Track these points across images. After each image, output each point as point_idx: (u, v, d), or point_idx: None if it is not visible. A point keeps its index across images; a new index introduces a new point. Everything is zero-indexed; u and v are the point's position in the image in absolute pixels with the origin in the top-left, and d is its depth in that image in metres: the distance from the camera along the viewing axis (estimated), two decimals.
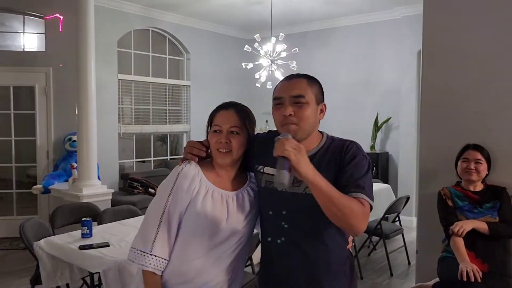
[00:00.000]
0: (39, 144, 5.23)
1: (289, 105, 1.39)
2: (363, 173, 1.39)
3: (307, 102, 1.40)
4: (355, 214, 1.30)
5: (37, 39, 5.45)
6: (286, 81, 1.46)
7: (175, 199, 1.45)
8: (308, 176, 1.25)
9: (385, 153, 6.07)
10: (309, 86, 1.43)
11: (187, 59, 6.74)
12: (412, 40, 5.53)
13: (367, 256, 4.59)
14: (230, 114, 1.51)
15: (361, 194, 1.35)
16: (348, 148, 1.44)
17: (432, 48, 3.00)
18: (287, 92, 1.41)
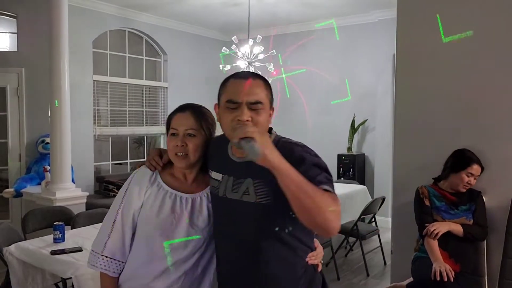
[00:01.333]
0: (10, 147, 5.09)
1: (247, 110, 1.29)
2: (320, 171, 1.27)
3: (264, 108, 1.32)
4: (329, 204, 1.15)
5: (9, 39, 5.30)
6: (242, 81, 1.32)
7: (128, 202, 1.46)
8: (274, 160, 1.14)
9: (362, 155, 6.15)
10: (266, 90, 1.35)
11: (164, 60, 6.68)
12: (388, 44, 5.61)
13: (344, 257, 4.64)
14: (186, 116, 1.46)
15: (327, 186, 1.22)
16: (297, 151, 1.32)
17: (405, 52, 3.05)
18: (246, 96, 1.29)
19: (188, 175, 1.51)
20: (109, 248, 1.44)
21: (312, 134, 6.52)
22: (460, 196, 2.64)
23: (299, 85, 6.69)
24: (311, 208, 1.14)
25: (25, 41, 5.08)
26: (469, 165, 2.57)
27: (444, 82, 2.91)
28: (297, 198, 1.14)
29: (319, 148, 5.99)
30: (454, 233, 2.53)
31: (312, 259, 1.41)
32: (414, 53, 3.01)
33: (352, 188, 4.89)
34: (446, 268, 2.35)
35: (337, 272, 4.04)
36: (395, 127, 3.19)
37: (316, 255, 1.43)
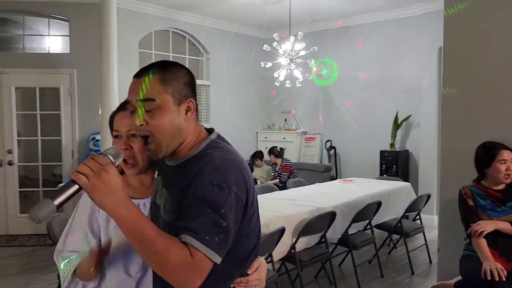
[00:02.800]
0: (64, 144, 5.38)
1: (141, 111, 1.08)
2: (205, 212, 1.00)
3: (159, 106, 1.08)
4: (172, 266, 0.95)
5: (62, 41, 5.60)
6: (135, 78, 1.13)
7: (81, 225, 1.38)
8: (105, 207, 0.95)
9: (405, 151, 6.02)
10: (162, 83, 1.09)
11: (207, 59, 6.82)
12: (433, 37, 5.47)
13: (387, 254, 4.58)
14: (127, 114, 1.22)
15: (191, 238, 0.97)
16: (201, 168, 1.05)
17: (453, 44, 2.98)
18: (135, 94, 1.09)
19: (145, 179, 1.36)
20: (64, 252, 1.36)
21: (354, 131, 6.47)
22: (505, 193, 2.56)
23: (341, 81, 6.63)
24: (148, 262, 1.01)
25: (77, 43, 5.35)
26: (497, 153, 2.53)
27: (494, 75, 2.81)
28: (136, 249, 0.99)
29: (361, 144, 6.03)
30: (503, 232, 2.45)
31: (241, 286, 1.18)
32: (462, 45, 2.93)
33: (396, 184, 4.80)
34: (498, 267, 2.28)
35: (381, 270, 4.00)
36: (442, 123, 3.12)
37: (246, 282, 1.19)
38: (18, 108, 5.30)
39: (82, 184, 0.94)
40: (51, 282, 3.81)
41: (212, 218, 1.00)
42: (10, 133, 5.24)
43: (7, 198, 5.29)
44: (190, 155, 1.13)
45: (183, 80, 1.14)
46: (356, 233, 3.90)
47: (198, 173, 1.04)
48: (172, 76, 1.12)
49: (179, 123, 1.11)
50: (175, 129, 1.10)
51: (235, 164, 1.09)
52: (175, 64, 1.17)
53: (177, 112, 1.11)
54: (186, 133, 1.13)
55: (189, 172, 1.08)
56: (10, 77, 5.20)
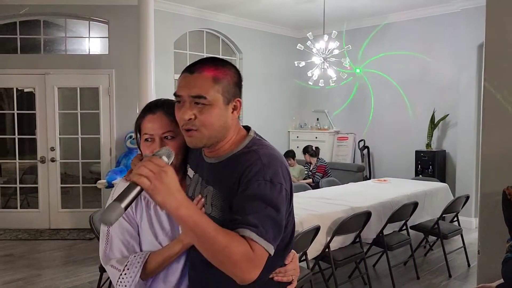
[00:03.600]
0: (102, 142, 5.56)
1: (189, 106, 1.12)
2: (260, 207, 1.05)
3: (210, 103, 1.12)
4: (234, 260, 1.00)
5: (101, 42, 5.79)
6: (186, 74, 1.15)
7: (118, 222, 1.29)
8: (168, 208, 0.98)
9: (442, 151, 5.88)
10: (214, 82, 1.12)
11: (240, 59, 6.88)
12: (472, 34, 5.32)
13: (423, 256, 4.49)
14: (158, 118, 1.28)
15: (250, 232, 1.01)
16: (249, 167, 1.09)
17: (496, 41, 2.89)
18: (187, 91, 1.12)
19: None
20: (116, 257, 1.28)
21: (389, 130, 6.37)
22: None
23: (375, 79, 6.55)
24: (210, 257, 1.02)
25: (115, 44, 5.52)
26: None
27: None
28: (198, 247, 1.03)
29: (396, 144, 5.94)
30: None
31: (280, 275, 1.24)
32: (506, 42, 2.84)
33: (433, 185, 4.70)
34: None
35: (417, 271, 3.93)
36: (483, 122, 3.03)
37: (284, 272, 1.25)
38: (59, 107, 5.52)
39: (144, 187, 0.96)
40: (92, 274, 3.96)
41: (268, 213, 1.04)
42: (53, 131, 5.47)
43: (50, 193, 5.53)
44: (233, 152, 1.17)
45: (232, 80, 1.17)
46: (391, 234, 3.85)
47: (247, 169, 1.08)
48: (223, 75, 1.15)
49: (225, 120, 1.15)
50: (221, 126, 1.15)
51: (280, 160, 1.14)
52: (226, 63, 1.19)
53: (225, 110, 1.15)
54: (228, 130, 1.17)
55: (237, 169, 1.11)
56: (53, 78, 5.43)
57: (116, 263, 1.26)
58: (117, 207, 0.94)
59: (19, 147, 5.59)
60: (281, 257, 1.24)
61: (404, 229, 4.05)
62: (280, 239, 1.10)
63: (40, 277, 3.99)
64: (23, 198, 5.81)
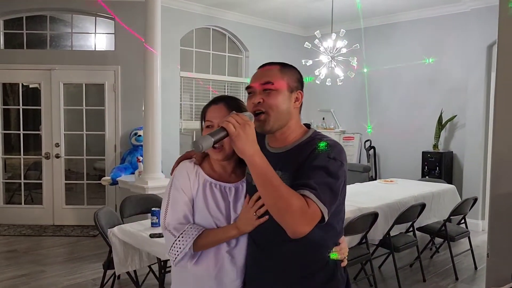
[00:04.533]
0: (107, 138, 5.55)
1: (258, 94, 1.33)
2: (323, 175, 1.21)
3: (276, 88, 1.32)
4: (292, 210, 1.14)
5: (106, 39, 5.77)
6: (259, 69, 1.41)
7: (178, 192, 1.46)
8: (245, 153, 1.17)
9: (449, 153, 5.82)
10: (280, 72, 1.35)
11: (246, 57, 6.84)
12: (482, 35, 5.26)
13: (430, 259, 4.44)
14: (220, 108, 1.45)
15: (309, 192, 1.17)
16: (315, 146, 1.30)
17: (509, 40, 2.83)
18: (257, 80, 1.36)
19: (227, 166, 1.49)
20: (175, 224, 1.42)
21: (395, 130, 6.31)
22: None
23: (382, 79, 6.49)
24: (270, 203, 1.19)
25: (121, 41, 5.50)
26: None
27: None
28: (262, 194, 1.21)
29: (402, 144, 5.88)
30: None
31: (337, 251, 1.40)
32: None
33: (440, 187, 4.64)
34: None
35: (423, 274, 3.88)
36: (494, 122, 2.97)
37: (339, 249, 1.40)
38: (65, 103, 5.51)
39: (230, 131, 1.17)
40: (95, 271, 3.95)
41: (327, 181, 1.21)
42: (58, 127, 5.46)
43: (54, 189, 5.52)
44: (299, 141, 1.36)
45: (295, 75, 1.39)
46: (398, 235, 3.80)
47: (313, 150, 1.28)
48: (288, 69, 1.39)
49: (288, 106, 1.35)
50: (285, 110, 1.33)
51: (341, 147, 1.33)
52: (290, 65, 1.43)
53: (288, 97, 1.35)
54: (291, 118, 1.36)
55: (304, 153, 1.29)
56: (59, 74, 5.42)
57: (173, 229, 1.41)
58: (209, 139, 1.17)
59: (23, 142, 5.59)
60: (337, 237, 1.41)
61: (410, 230, 4.00)
62: (333, 208, 1.24)
63: (43, 273, 3.98)
64: (27, 194, 5.81)
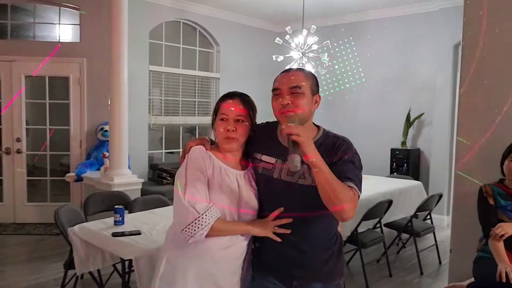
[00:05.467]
0: (72, 133, 5.36)
1: (287, 95, 1.53)
2: (353, 168, 1.52)
3: (303, 92, 1.53)
4: (348, 199, 1.42)
5: (72, 30, 5.57)
6: (285, 74, 1.59)
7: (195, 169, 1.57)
8: (316, 157, 1.39)
9: (417, 150, 5.92)
10: (305, 78, 1.56)
11: (217, 51, 6.75)
12: (449, 34, 5.37)
13: (396, 254, 4.51)
14: (235, 103, 1.62)
15: (352, 183, 1.47)
16: (340, 145, 1.56)
17: (472, 41, 2.88)
18: (285, 84, 1.55)
19: (236, 156, 1.66)
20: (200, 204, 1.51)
21: (365, 128, 6.38)
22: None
23: (352, 77, 6.54)
24: (332, 198, 1.42)
25: (87, 32, 5.32)
26: (510, 151, 2.45)
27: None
28: (323, 188, 1.42)
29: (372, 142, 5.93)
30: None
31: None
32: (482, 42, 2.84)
33: (407, 183, 4.72)
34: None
35: (389, 269, 3.94)
36: (458, 122, 3.03)
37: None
38: (27, 97, 5.28)
39: (301, 141, 1.37)
40: (57, 270, 3.81)
41: (359, 174, 1.54)
42: (19, 121, 5.23)
43: (15, 186, 5.30)
44: (317, 138, 1.60)
45: (315, 81, 1.61)
46: (365, 232, 3.84)
47: (338, 147, 1.56)
48: (310, 75, 1.61)
49: (311, 108, 1.58)
50: (309, 111, 1.57)
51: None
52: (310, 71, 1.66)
53: (311, 99, 1.57)
54: (311, 118, 1.61)
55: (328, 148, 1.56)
56: (20, 65, 5.18)
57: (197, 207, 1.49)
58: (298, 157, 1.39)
59: None
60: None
61: (378, 226, 4.05)
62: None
63: (2, 273, 3.82)
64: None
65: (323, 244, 1.64)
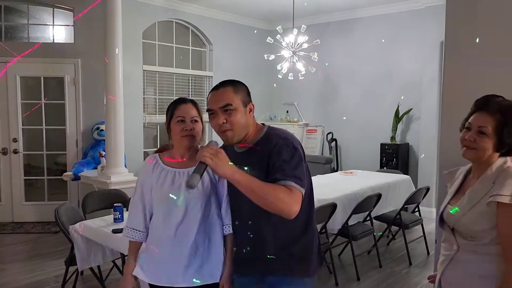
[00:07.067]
0: (68, 133, 5.44)
1: (221, 114, 1.58)
2: (289, 163, 1.54)
3: (235, 108, 1.58)
4: (281, 199, 1.46)
5: (66, 31, 5.63)
6: (214, 92, 1.64)
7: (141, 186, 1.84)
8: (226, 175, 1.44)
9: (406, 144, 6.08)
10: (234, 93, 1.60)
11: (210, 50, 6.85)
12: (435, 31, 5.50)
13: (386, 246, 4.66)
14: (189, 107, 1.80)
15: (288, 181, 1.49)
16: (276, 144, 1.58)
17: (454, 39, 3.01)
18: (216, 104, 1.60)
19: (186, 154, 1.82)
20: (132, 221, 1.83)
21: (355, 123, 6.52)
22: None
23: (342, 74, 6.67)
24: (262, 202, 1.47)
25: (81, 33, 5.38)
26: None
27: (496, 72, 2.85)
28: (251, 196, 1.47)
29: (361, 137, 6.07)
30: None
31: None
32: (464, 40, 2.97)
33: (396, 177, 4.87)
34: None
35: (379, 260, 4.09)
36: (441, 117, 3.16)
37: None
38: (23, 97, 5.35)
39: (208, 163, 1.41)
40: (57, 268, 3.91)
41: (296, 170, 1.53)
42: (15, 121, 5.30)
43: (12, 186, 5.37)
44: (257, 138, 1.65)
45: (245, 91, 1.66)
46: (355, 224, 3.98)
47: (275, 145, 1.57)
48: (239, 87, 1.64)
49: (246, 119, 1.62)
50: (244, 123, 1.61)
51: (291, 134, 1.66)
52: (238, 81, 1.67)
53: (244, 112, 1.62)
54: (250, 126, 1.65)
55: (265, 148, 1.59)
56: (15, 66, 5.24)
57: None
58: (196, 176, 1.41)
59: None
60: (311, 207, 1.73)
61: (368, 219, 4.19)
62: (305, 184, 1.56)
63: (3, 271, 3.90)
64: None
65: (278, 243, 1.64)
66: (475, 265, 1.54)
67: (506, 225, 1.44)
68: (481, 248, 1.52)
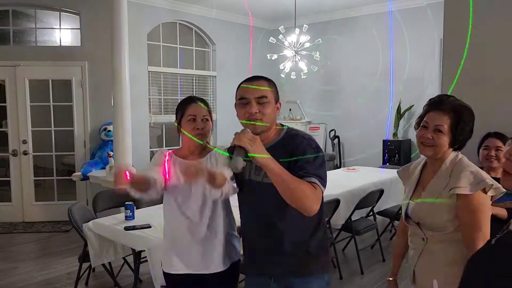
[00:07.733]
0: (76, 134, 5.55)
1: (255, 104, 1.63)
2: (313, 164, 1.58)
3: (269, 101, 1.65)
4: (306, 195, 1.50)
5: (72, 34, 5.74)
6: (249, 83, 1.69)
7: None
8: (263, 161, 1.49)
9: (408, 140, 6.16)
10: (270, 87, 1.68)
11: (213, 50, 6.94)
12: (436, 28, 5.56)
13: (389, 240, 4.74)
14: (201, 105, 1.89)
15: (313, 178, 1.54)
16: (300, 143, 1.63)
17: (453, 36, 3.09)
18: (252, 94, 1.64)
19: (195, 152, 1.92)
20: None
21: (357, 120, 6.60)
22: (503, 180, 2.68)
23: (344, 71, 6.75)
24: (288, 195, 1.51)
25: (88, 36, 5.49)
26: (484, 140, 2.60)
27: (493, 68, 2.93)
28: (279, 186, 1.51)
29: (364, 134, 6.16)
30: (498, 217, 2.59)
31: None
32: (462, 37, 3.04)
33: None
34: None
35: (382, 254, 4.18)
36: None
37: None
38: (31, 100, 5.46)
39: (248, 148, 1.47)
40: (69, 265, 4.02)
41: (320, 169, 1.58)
42: (25, 124, 5.42)
43: (23, 186, 5.49)
44: (278, 138, 1.69)
45: (276, 89, 1.73)
46: (359, 220, 4.07)
47: (298, 145, 1.62)
48: (273, 84, 1.71)
49: (275, 114, 1.69)
50: (273, 117, 1.68)
51: (312, 136, 1.71)
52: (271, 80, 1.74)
53: (274, 107, 1.68)
54: (274, 123, 1.71)
55: (288, 147, 1.63)
56: (24, 70, 5.36)
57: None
58: (240, 160, 1.47)
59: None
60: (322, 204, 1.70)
61: (371, 214, 4.28)
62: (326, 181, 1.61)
63: (16, 269, 4.01)
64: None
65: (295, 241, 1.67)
66: (444, 253, 1.66)
67: (466, 214, 1.57)
68: (447, 236, 1.64)
